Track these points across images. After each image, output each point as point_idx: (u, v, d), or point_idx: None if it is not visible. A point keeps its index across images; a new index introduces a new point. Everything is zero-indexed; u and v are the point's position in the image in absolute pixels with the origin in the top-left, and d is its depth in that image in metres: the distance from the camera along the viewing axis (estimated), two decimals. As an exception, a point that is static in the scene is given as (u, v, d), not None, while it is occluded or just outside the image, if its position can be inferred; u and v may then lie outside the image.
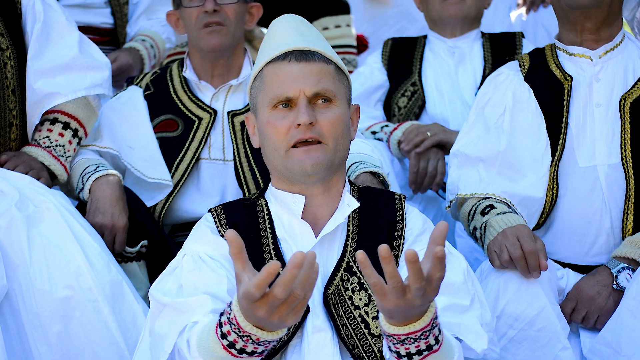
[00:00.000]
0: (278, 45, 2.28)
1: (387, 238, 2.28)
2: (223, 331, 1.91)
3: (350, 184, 2.37)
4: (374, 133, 3.54)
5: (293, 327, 2.19)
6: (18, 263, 2.57)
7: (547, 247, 2.60)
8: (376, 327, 2.20)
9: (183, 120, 3.10)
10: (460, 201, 2.86)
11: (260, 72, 2.30)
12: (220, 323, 1.92)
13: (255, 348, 1.91)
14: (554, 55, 2.88)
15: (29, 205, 2.64)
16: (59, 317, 2.55)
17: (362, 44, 4.48)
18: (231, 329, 1.89)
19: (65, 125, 2.96)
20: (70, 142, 2.96)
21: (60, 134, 2.94)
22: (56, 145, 2.93)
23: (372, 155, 2.91)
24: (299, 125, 2.21)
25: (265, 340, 1.89)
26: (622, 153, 2.77)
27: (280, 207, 2.31)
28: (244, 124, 3.06)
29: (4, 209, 2.60)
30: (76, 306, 2.56)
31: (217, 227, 2.30)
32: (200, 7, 3.06)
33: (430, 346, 1.97)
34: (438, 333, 1.98)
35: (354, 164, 2.82)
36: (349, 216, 2.30)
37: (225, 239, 2.08)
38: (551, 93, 2.83)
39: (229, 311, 1.90)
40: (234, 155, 3.04)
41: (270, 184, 2.36)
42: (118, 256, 2.83)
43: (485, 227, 2.67)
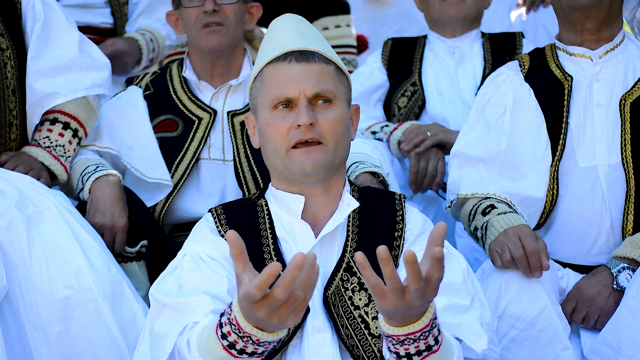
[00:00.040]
0: (278, 45, 2.28)
1: (387, 238, 2.28)
2: (223, 332, 1.91)
3: (350, 184, 2.37)
4: (374, 133, 3.53)
5: (293, 328, 2.19)
6: (18, 263, 2.57)
7: (547, 247, 2.60)
8: (376, 328, 2.20)
9: (183, 121, 3.10)
10: (460, 201, 2.86)
11: (260, 72, 2.30)
12: (220, 323, 1.92)
13: (256, 349, 1.91)
14: (554, 55, 2.88)
15: (29, 205, 2.64)
16: (59, 317, 2.55)
17: (362, 44, 4.48)
18: (231, 330, 1.89)
19: (65, 126, 2.96)
20: (70, 142, 2.96)
21: (60, 134, 2.94)
22: (56, 146, 2.93)
23: (372, 155, 2.91)
24: (299, 126, 2.21)
25: (265, 341, 1.90)
26: (622, 153, 2.76)
27: (280, 207, 2.31)
28: (243, 124, 3.06)
29: (4, 209, 2.60)
30: (76, 306, 2.56)
31: (217, 227, 2.29)
32: (199, 7, 3.06)
33: (430, 347, 1.97)
34: (437, 333, 1.98)
35: (353, 164, 2.82)
36: (349, 216, 2.30)
37: (225, 239, 2.08)
38: (551, 93, 2.83)
39: (230, 312, 1.90)
40: (234, 155, 3.04)
41: (270, 184, 2.36)
42: (118, 256, 2.82)
43: (487, 227, 2.67)
